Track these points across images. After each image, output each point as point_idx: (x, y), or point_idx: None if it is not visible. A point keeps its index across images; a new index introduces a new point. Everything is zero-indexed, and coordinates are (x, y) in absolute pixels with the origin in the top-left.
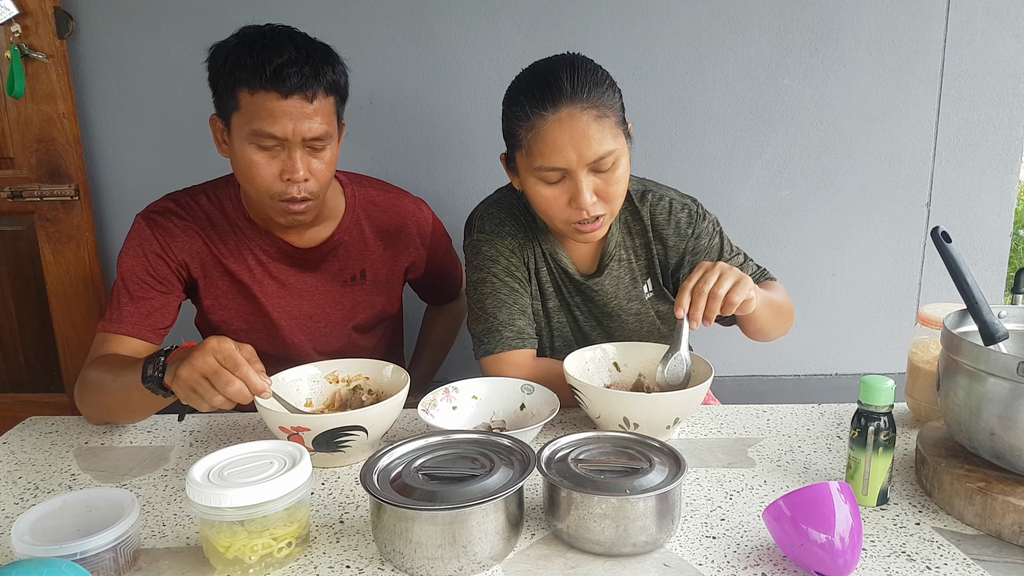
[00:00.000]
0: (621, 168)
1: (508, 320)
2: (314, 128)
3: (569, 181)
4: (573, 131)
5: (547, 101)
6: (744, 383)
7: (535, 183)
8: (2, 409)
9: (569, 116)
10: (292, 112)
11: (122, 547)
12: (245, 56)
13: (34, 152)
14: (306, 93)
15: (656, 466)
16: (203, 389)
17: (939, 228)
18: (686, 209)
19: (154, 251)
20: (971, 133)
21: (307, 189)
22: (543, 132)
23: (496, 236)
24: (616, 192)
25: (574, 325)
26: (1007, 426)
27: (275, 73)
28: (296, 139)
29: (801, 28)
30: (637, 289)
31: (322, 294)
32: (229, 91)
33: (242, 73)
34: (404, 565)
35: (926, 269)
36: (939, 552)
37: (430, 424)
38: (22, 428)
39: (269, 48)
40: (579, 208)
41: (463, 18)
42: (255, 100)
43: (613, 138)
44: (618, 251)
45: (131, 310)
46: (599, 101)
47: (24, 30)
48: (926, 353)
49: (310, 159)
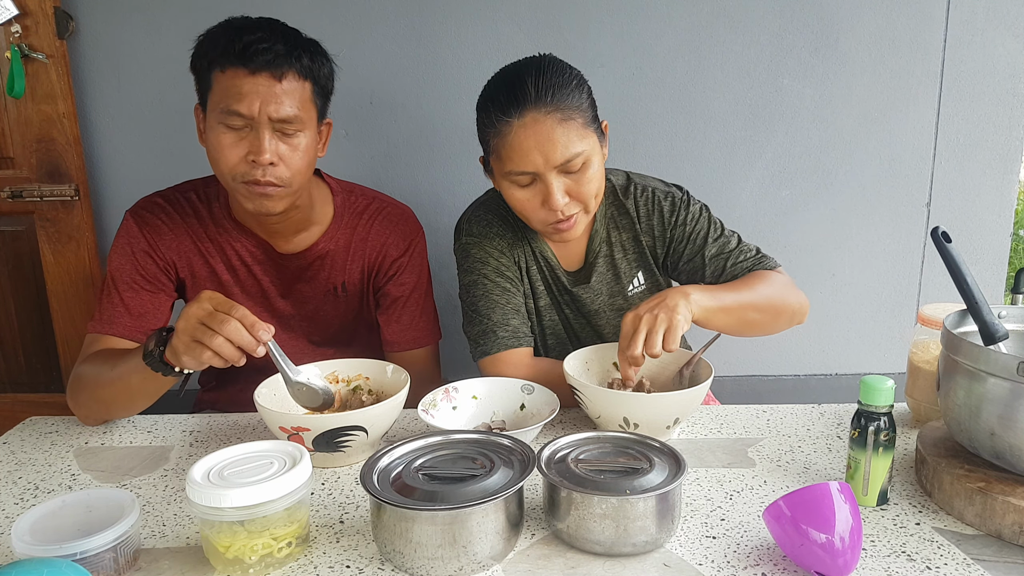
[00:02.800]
0: (593, 168)
1: (502, 320)
2: (283, 110)
3: (540, 183)
4: (538, 136)
5: (512, 107)
6: (744, 383)
7: (508, 186)
8: (2, 409)
9: (534, 121)
10: (259, 90)
11: (122, 547)
12: (220, 36)
13: (34, 152)
14: (275, 72)
15: (656, 466)
16: (201, 333)
17: (939, 228)
18: (669, 198)
19: (142, 249)
20: (971, 133)
21: (274, 174)
22: (510, 139)
23: (484, 238)
24: (588, 192)
25: (565, 323)
26: (1007, 426)
27: (244, 48)
28: (263, 118)
29: (801, 28)
30: (621, 285)
31: (304, 302)
32: (204, 73)
33: (215, 53)
34: (404, 565)
35: (926, 269)
36: (939, 552)
37: (430, 424)
38: (22, 428)
39: (244, 28)
40: (552, 209)
41: (463, 18)
42: (224, 77)
43: (580, 139)
44: (603, 247)
45: (121, 311)
46: (564, 104)
47: (24, 30)
48: (926, 353)
49: (279, 143)
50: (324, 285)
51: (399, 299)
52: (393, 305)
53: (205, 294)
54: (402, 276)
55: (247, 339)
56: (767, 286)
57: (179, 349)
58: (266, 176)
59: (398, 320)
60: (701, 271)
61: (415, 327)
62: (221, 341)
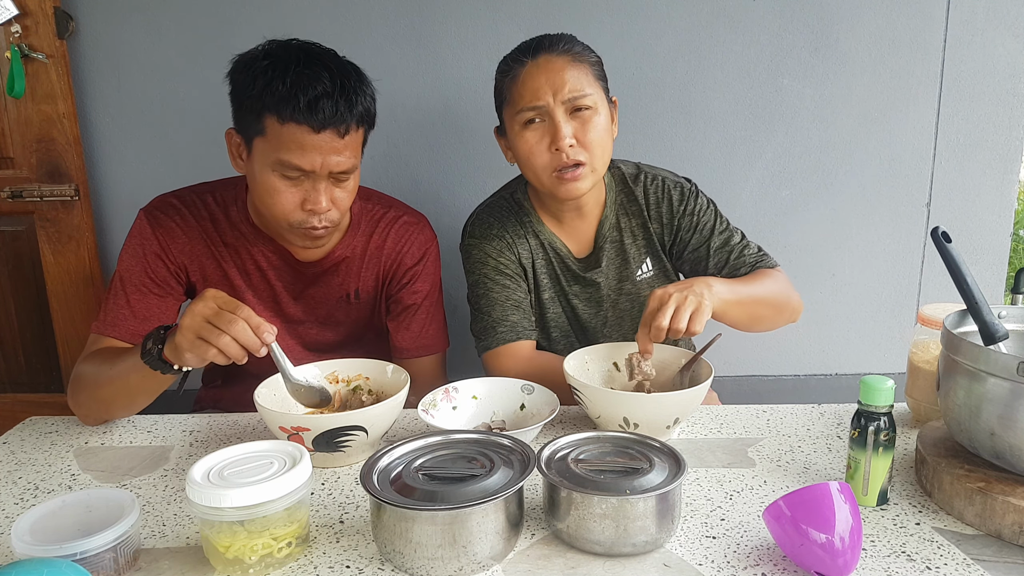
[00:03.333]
0: (600, 116)
1: (502, 316)
2: (343, 162)
3: (548, 123)
4: (549, 72)
5: (527, 52)
6: (744, 383)
7: (520, 132)
8: (2, 409)
9: (546, 61)
10: (323, 147)
11: (122, 547)
12: (277, 81)
13: (34, 152)
14: (339, 128)
15: (656, 466)
16: (207, 331)
17: (939, 228)
18: (678, 187)
19: (154, 251)
20: (971, 133)
21: (329, 218)
22: (522, 77)
23: (483, 239)
24: (595, 139)
25: (571, 313)
26: (1007, 426)
27: (309, 106)
28: (323, 172)
29: (801, 28)
30: (629, 270)
31: (316, 307)
32: (255, 113)
33: (272, 99)
34: (404, 565)
35: (926, 269)
36: (939, 552)
37: (430, 424)
38: (22, 428)
39: (304, 76)
40: (558, 150)
41: (463, 18)
42: (284, 130)
43: (589, 84)
44: (612, 232)
45: (126, 314)
46: (575, 52)
47: (24, 30)
48: (926, 353)
49: (334, 189)
50: (337, 291)
51: (411, 307)
52: (405, 312)
53: (209, 292)
54: (416, 284)
55: (252, 339)
56: (774, 283)
57: (183, 346)
58: (322, 222)
59: (408, 327)
60: (705, 261)
61: (425, 335)
62: (228, 340)
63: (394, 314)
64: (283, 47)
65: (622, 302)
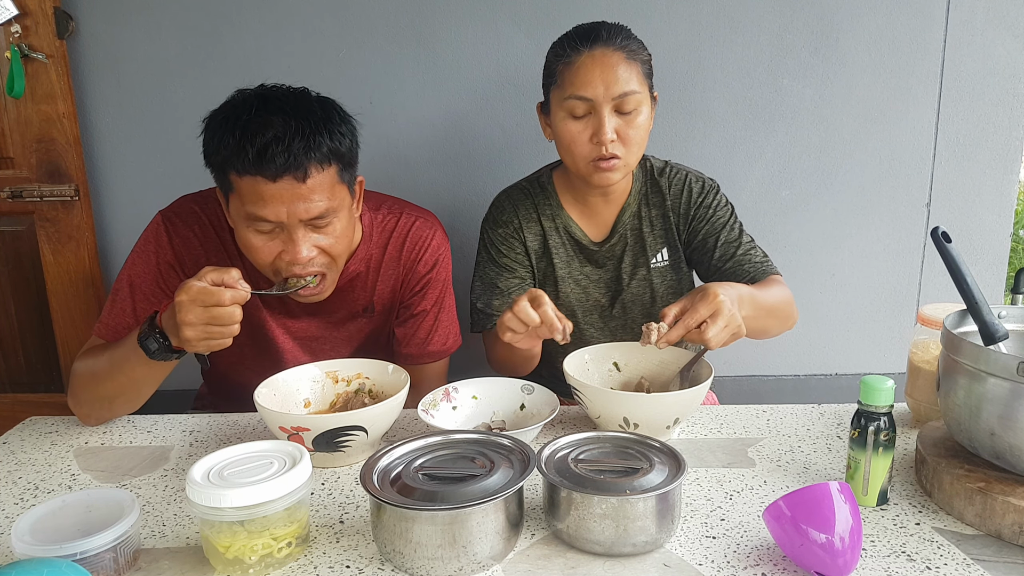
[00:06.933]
0: (642, 115)
1: (487, 303)
2: (312, 208)
3: (593, 117)
4: (604, 66)
5: (585, 40)
6: (744, 383)
7: (563, 117)
8: (2, 409)
9: (602, 54)
10: (283, 195)
11: (122, 547)
12: (228, 135)
13: (34, 152)
14: (296, 173)
15: (656, 466)
16: (212, 331)
17: (939, 228)
18: (700, 181)
19: (168, 262)
20: (971, 133)
21: (316, 264)
22: (577, 65)
23: (496, 225)
24: (635, 137)
25: (582, 294)
26: (1007, 426)
27: (258, 155)
28: (292, 221)
29: (801, 28)
30: (645, 256)
31: (329, 322)
32: (220, 171)
33: (227, 154)
34: (404, 565)
35: (926, 269)
36: (939, 552)
37: (430, 424)
38: (22, 428)
39: (253, 125)
40: (599, 143)
41: (463, 18)
42: (244, 184)
43: (639, 83)
44: (632, 221)
45: (131, 321)
46: (630, 48)
47: (24, 30)
48: (926, 353)
49: (314, 235)
50: (351, 307)
51: (419, 314)
52: (413, 319)
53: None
54: (427, 291)
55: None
56: (778, 293)
57: (192, 339)
58: (306, 269)
59: (414, 334)
60: (711, 253)
61: (431, 341)
62: (234, 329)
63: (402, 319)
64: (242, 97)
65: (634, 286)
